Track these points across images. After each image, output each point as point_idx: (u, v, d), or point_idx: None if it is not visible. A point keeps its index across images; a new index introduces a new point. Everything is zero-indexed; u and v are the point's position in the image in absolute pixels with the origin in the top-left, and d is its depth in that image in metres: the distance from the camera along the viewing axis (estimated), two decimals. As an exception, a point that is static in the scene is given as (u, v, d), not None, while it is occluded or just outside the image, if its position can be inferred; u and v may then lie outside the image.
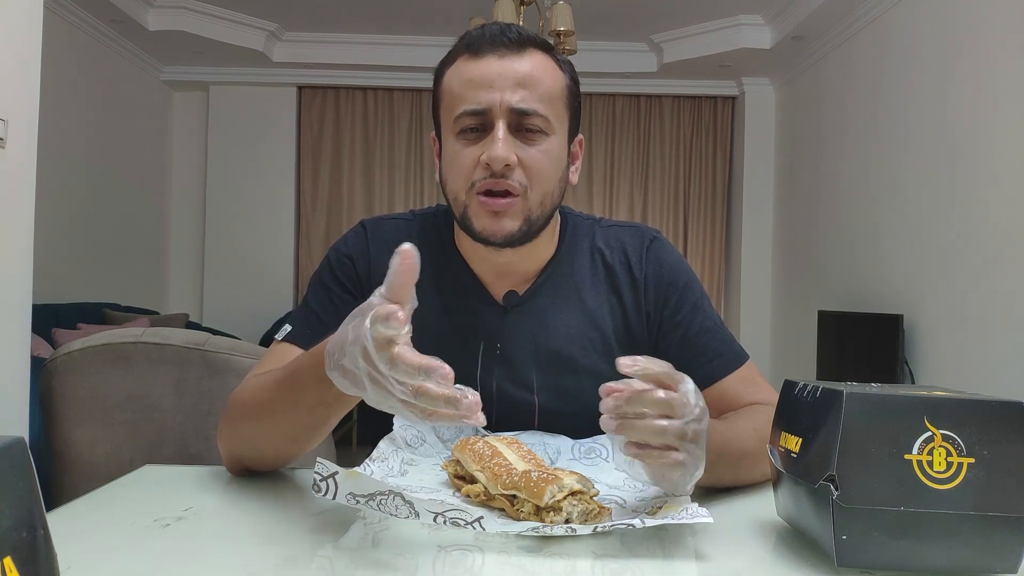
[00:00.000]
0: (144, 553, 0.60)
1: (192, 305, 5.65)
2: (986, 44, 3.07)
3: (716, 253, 5.68)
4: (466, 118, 0.87)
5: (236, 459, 0.84)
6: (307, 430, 0.77)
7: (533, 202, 0.88)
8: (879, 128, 3.91)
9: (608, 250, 1.01)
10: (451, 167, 0.90)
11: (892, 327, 3.45)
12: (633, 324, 0.99)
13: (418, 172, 5.73)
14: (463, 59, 0.90)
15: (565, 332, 0.97)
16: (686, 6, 4.65)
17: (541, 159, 0.88)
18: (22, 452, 0.37)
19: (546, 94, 0.88)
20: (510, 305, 0.97)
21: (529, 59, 0.88)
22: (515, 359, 0.96)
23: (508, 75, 0.86)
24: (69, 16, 4.31)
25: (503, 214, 0.87)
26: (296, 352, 0.92)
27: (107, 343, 1.54)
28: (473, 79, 0.87)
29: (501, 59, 0.87)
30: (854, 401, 0.56)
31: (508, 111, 0.86)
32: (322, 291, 0.98)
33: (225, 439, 0.85)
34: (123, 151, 5.02)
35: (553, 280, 0.99)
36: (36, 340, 3.16)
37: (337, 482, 0.63)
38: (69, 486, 1.55)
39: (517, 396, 0.95)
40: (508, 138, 0.86)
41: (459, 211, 0.91)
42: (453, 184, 0.90)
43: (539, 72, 0.88)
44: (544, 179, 0.89)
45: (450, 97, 0.90)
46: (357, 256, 0.99)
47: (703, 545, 0.63)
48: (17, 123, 1.59)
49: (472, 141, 0.88)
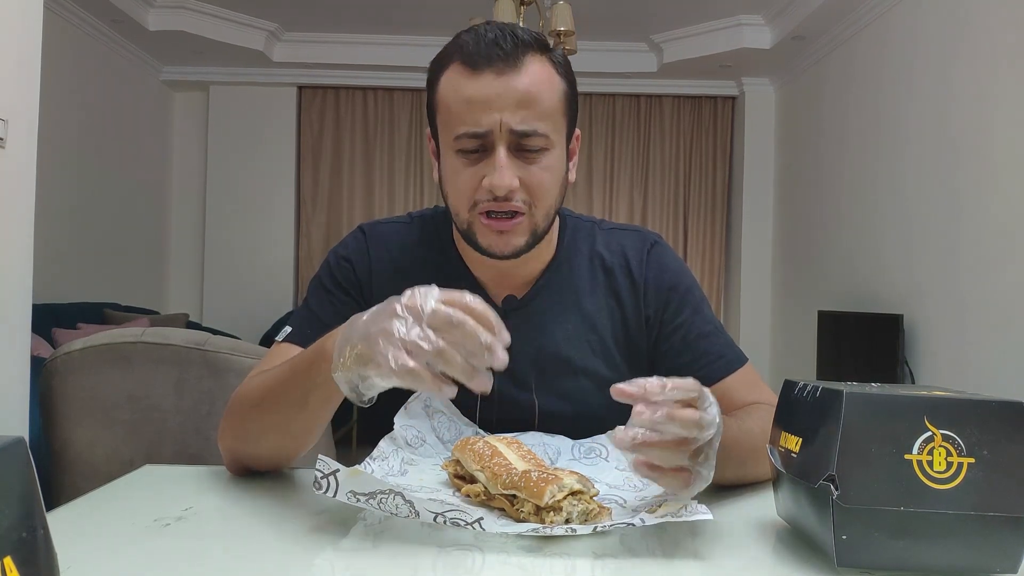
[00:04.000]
0: (144, 553, 0.60)
1: (192, 305, 5.65)
2: (987, 44, 3.07)
3: (716, 253, 5.68)
4: (465, 140, 0.86)
5: (236, 458, 0.85)
6: (306, 424, 0.78)
7: (538, 217, 0.89)
8: (879, 128, 3.91)
9: (608, 253, 1.01)
10: (451, 184, 0.90)
11: (892, 327, 3.45)
12: (632, 327, 0.99)
13: (418, 172, 5.73)
14: (459, 71, 0.87)
15: (564, 335, 0.97)
16: (686, 6, 4.65)
17: (543, 177, 0.88)
18: (22, 452, 0.37)
19: (546, 110, 0.86)
20: (509, 309, 0.97)
21: (527, 73, 0.85)
22: (515, 361, 0.95)
23: (507, 95, 0.84)
24: (69, 16, 4.31)
25: (510, 232, 0.88)
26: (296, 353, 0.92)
27: (107, 343, 1.54)
28: (471, 99, 0.85)
29: (499, 76, 0.84)
30: (854, 401, 0.56)
31: (508, 133, 0.85)
32: (322, 293, 0.99)
33: (226, 438, 0.85)
34: (123, 151, 5.02)
35: (552, 284, 0.99)
36: (36, 340, 3.16)
37: (338, 480, 0.63)
38: (69, 486, 1.54)
39: (518, 397, 0.95)
40: (509, 162, 0.85)
41: (463, 227, 0.91)
42: (455, 201, 0.90)
43: (537, 87, 0.86)
44: (547, 195, 0.89)
45: (447, 113, 0.88)
46: (356, 259, 0.99)
47: (703, 545, 0.63)
48: (17, 123, 1.59)
49: (472, 161, 0.87)
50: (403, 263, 0.99)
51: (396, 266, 0.98)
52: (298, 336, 0.94)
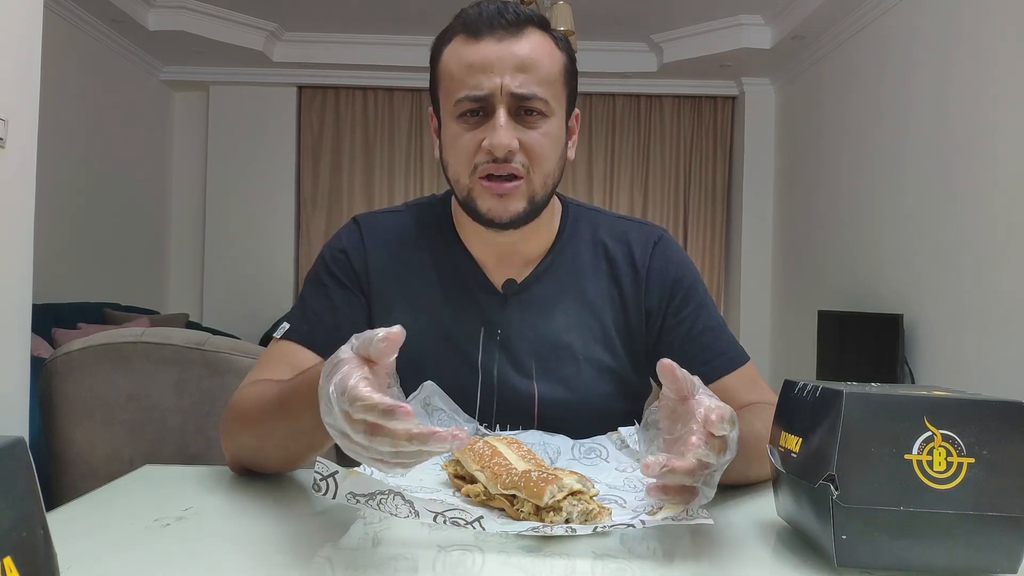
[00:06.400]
0: (144, 553, 0.60)
1: (192, 305, 5.65)
2: (986, 45, 3.07)
3: (716, 253, 5.68)
4: (466, 103, 0.87)
5: (238, 462, 0.84)
6: (304, 449, 0.76)
7: (536, 183, 0.90)
8: (879, 128, 3.91)
9: (611, 241, 1.01)
10: (452, 150, 0.90)
11: (892, 327, 3.45)
12: (632, 318, 0.99)
13: (418, 172, 5.73)
14: (460, 40, 0.89)
15: (564, 321, 0.97)
16: (686, 6, 4.65)
17: (542, 141, 0.88)
18: (22, 452, 0.37)
19: (545, 77, 0.88)
20: (509, 293, 0.97)
21: (527, 41, 0.87)
22: (515, 346, 0.96)
23: (507, 59, 0.86)
24: (69, 16, 4.31)
25: (509, 196, 0.88)
26: (295, 350, 0.92)
27: (107, 343, 1.54)
28: (473, 63, 0.86)
29: (500, 42, 0.86)
30: (854, 401, 0.56)
31: (508, 96, 0.86)
32: (318, 287, 0.98)
33: (226, 441, 0.85)
34: (123, 151, 5.02)
35: (553, 268, 0.99)
36: (36, 340, 3.16)
37: (337, 481, 0.63)
38: (69, 486, 1.54)
39: (517, 382, 0.95)
40: (509, 123, 0.86)
41: (463, 194, 0.91)
42: (455, 167, 0.90)
43: (537, 54, 0.88)
44: (545, 160, 0.89)
45: (449, 80, 0.89)
46: (352, 250, 0.99)
47: (703, 545, 0.63)
48: (17, 123, 1.59)
49: (473, 125, 0.88)
50: (400, 251, 0.99)
51: (393, 255, 0.98)
52: (296, 333, 0.94)
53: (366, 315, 0.97)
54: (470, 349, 0.95)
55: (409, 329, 0.69)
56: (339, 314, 0.95)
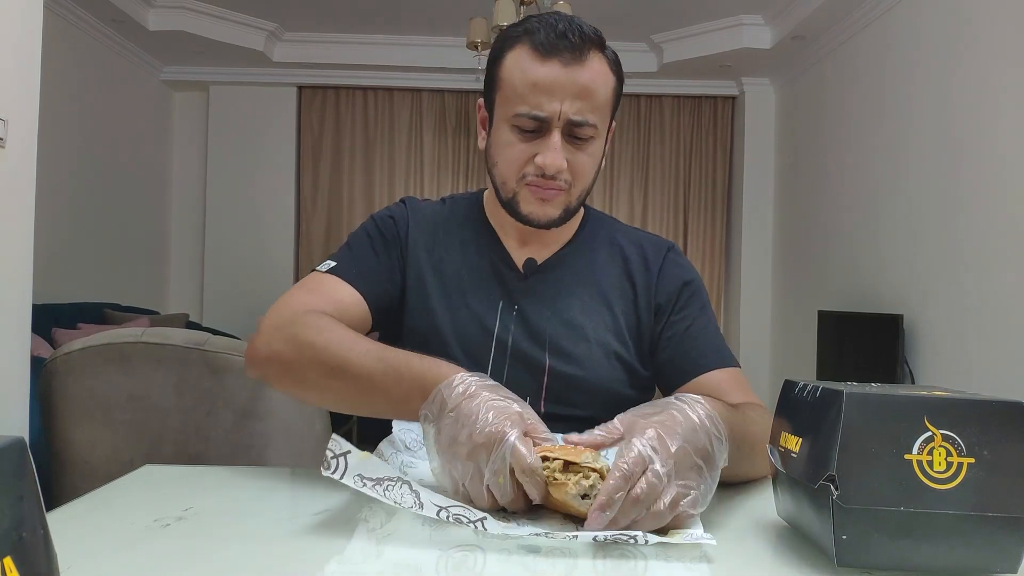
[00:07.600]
0: (144, 553, 0.60)
1: (192, 305, 5.65)
2: (988, 44, 3.07)
3: (716, 253, 5.68)
4: (525, 119, 0.92)
5: (279, 370, 0.86)
6: (370, 412, 0.82)
7: (574, 195, 0.98)
8: (880, 128, 3.91)
9: (626, 244, 1.09)
10: (502, 154, 0.97)
11: (892, 327, 3.45)
12: (643, 313, 1.05)
13: (418, 172, 5.73)
14: (527, 53, 0.92)
15: (580, 305, 1.03)
16: (686, 6, 4.65)
17: (587, 161, 0.96)
18: (22, 452, 0.37)
19: (599, 104, 0.94)
20: (529, 272, 1.03)
21: (588, 69, 0.92)
22: (531, 320, 1.02)
23: (569, 86, 0.91)
24: (69, 16, 4.31)
25: (549, 202, 0.96)
26: (340, 286, 0.96)
27: (107, 343, 1.54)
28: (537, 83, 0.91)
29: (565, 67, 0.91)
30: (854, 401, 0.56)
31: (565, 121, 0.92)
32: (365, 240, 1.03)
33: (274, 365, 0.86)
34: (123, 151, 5.02)
35: (571, 258, 1.06)
36: (36, 340, 3.16)
37: (348, 462, 0.63)
38: (69, 486, 1.54)
39: (530, 353, 0.99)
40: (562, 146, 0.93)
41: (507, 195, 0.98)
42: (504, 170, 0.97)
43: (595, 83, 0.93)
44: (586, 177, 0.98)
45: (510, 90, 0.94)
46: (399, 219, 1.06)
47: (703, 545, 0.63)
48: (17, 123, 1.59)
49: (526, 139, 0.94)
50: (435, 231, 1.06)
51: (429, 233, 1.05)
52: (343, 271, 0.98)
53: (400, 277, 1.03)
54: (488, 319, 1.00)
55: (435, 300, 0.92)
56: (381, 266, 1.02)
